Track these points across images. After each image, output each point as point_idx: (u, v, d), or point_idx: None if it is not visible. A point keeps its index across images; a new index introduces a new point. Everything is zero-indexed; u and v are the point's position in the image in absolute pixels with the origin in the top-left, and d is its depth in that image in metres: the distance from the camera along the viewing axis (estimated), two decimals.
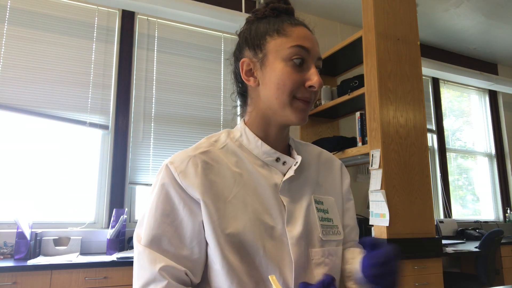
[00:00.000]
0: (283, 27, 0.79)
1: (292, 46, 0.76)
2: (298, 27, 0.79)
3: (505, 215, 4.86)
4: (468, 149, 4.96)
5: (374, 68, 2.69)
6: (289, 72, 0.76)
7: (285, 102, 0.77)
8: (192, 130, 3.34)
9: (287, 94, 0.76)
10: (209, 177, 0.75)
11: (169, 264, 0.70)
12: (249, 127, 0.84)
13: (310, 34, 0.80)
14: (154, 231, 0.73)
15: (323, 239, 0.80)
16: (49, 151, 2.88)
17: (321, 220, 0.82)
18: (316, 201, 0.84)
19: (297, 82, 0.76)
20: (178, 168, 0.75)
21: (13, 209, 2.66)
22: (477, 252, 3.17)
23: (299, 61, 0.76)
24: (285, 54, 0.77)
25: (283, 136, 0.85)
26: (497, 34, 4.52)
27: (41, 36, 2.96)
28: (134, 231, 0.79)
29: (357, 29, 3.09)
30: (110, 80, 3.12)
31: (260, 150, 0.82)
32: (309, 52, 0.77)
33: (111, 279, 2.27)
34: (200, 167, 0.75)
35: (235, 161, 0.80)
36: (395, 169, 2.59)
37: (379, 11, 2.77)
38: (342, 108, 3.34)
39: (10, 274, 2.09)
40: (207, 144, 0.82)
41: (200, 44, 3.52)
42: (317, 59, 0.79)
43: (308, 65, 0.78)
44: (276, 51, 0.78)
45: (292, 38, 0.77)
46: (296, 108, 0.77)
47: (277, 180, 0.80)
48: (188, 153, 0.78)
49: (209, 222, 0.72)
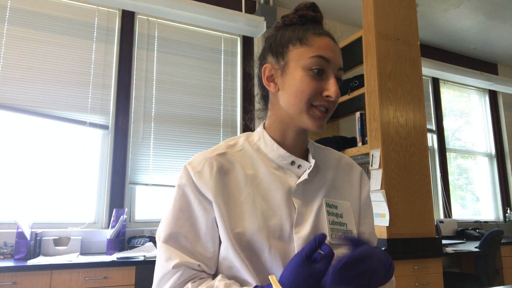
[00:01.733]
0: (307, 36, 0.81)
1: (313, 56, 0.79)
2: (321, 37, 0.81)
3: (505, 215, 4.86)
4: (468, 149, 4.96)
5: (374, 68, 2.69)
6: (308, 80, 0.79)
7: (302, 109, 0.79)
8: (192, 130, 3.34)
9: (305, 101, 0.79)
10: (223, 178, 0.81)
11: (183, 261, 0.76)
12: (267, 131, 0.88)
13: (333, 45, 0.82)
14: (171, 228, 0.79)
15: (332, 243, 0.81)
16: (49, 151, 2.88)
17: (332, 223, 0.83)
18: (328, 205, 0.85)
19: (315, 91, 0.78)
20: (195, 169, 0.81)
21: (13, 209, 2.66)
22: (477, 252, 3.16)
23: (318, 71, 0.79)
24: (305, 64, 0.79)
25: (300, 141, 0.87)
26: (497, 34, 4.52)
27: (41, 36, 2.96)
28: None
29: (357, 29, 3.09)
30: (110, 80, 3.12)
31: (276, 153, 0.85)
32: (330, 62, 0.79)
33: (111, 279, 2.27)
34: (215, 169, 0.81)
35: (251, 163, 0.84)
36: (395, 169, 2.59)
37: (379, 11, 2.77)
38: (342, 108, 3.34)
39: (10, 274, 2.09)
40: (225, 146, 0.86)
41: (200, 44, 3.52)
42: (338, 69, 0.81)
43: (328, 75, 0.79)
44: (297, 60, 0.80)
45: (314, 48, 0.80)
46: (313, 115, 0.80)
47: (291, 183, 0.83)
48: (205, 155, 0.83)
49: (221, 221, 0.77)
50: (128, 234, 2.86)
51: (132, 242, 2.79)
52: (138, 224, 3.04)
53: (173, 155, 3.25)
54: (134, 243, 2.77)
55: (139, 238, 2.81)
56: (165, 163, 3.21)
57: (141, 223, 3.04)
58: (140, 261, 2.35)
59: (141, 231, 2.94)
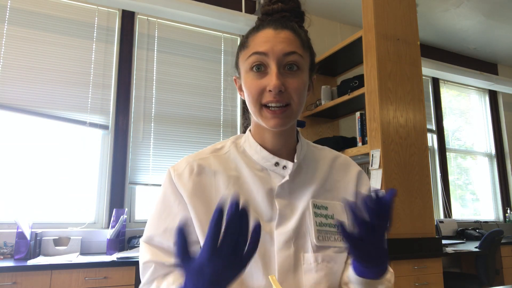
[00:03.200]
0: (247, 39, 0.81)
1: (249, 56, 0.78)
2: (259, 33, 0.79)
3: (505, 215, 4.86)
4: (468, 149, 4.96)
5: (374, 68, 2.69)
6: (250, 82, 0.78)
7: (255, 112, 0.79)
8: (192, 130, 3.34)
9: (254, 103, 0.78)
10: (202, 181, 0.82)
11: (154, 258, 0.77)
12: (252, 134, 0.87)
13: (272, 34, 0.77)
14: (151, 228, 0.81)
15: (317, 245, 0.79)
16: (49, 151, 2.88)
17: (320, 225, 0.81)
18: (316, 206, 0.82)
19: (259, 89, 0.76)
20: (176, 171, 0.83)
21: (13, 209, 2.66)
22: (477, 252, 3.17)
23: (257, 67, 0.77)
24: (246, 66, 0.79)
25: (281, 142, 0.84)
26: (497, 34, 4.52)
27: (41, 36, 2.96)
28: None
29: (357, 29, 3.09)
30: (110, 80, 3.12)
31: (259, 155, 0.84)
32: (267, 54, 0.76)
33: (111, 279, 2.27)
34: (195, 171, 0.82)
35: (235, 166, 0.84)
36: (395, 169, 2.59)
37: (379, 11, 2.77)
38: (342, 108, 3.33)
39: (10, 274, 2.09)
40: (210, 150, 0.87)
41: (200, 44, 3.52)
42: (283, 55, 0.76)
43: (270, 68, 0.76)
44: (242, 64, 0.81)
45: (251, 47, 0.79)
46: (265, 117, 0.77)
47: (274, 184, 0.82)
48: (188, 159, 0.85)
49: (196, 222, 0.78)
50: (128, 234, 2.86)
51: (132, 242, 2.79)
52: (138, 224, 3.04)
53: (173, 155, 3.25)
54: (134, 243, 2.77)
55: (139, 238, 2.80)
56: (165, 163, 3.21)
57: (141, 223, 3.04)
58: None
59: (141, 231, 2.92)
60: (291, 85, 0.76)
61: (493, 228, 4.05)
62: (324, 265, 0.78)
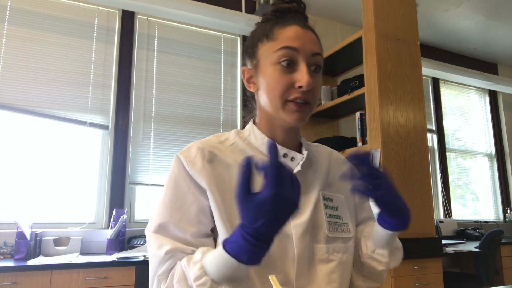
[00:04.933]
0: (273, 30, 0.79)
1: (278, 49, 0.76)
2: (288, 28, 0.78)
3: (505, 215, 4.86)
4: (468, 149, 4.96)
5: (374, 68, 2.69)
6: (277, 76, 0.76)
7: (278, 105, 0.77)
8: (192, 130, 3.34)
9: (278, 98, 0.76)
10: (216, 169, 0.78)
11: (175, 246, 0.72)
12: (257, 126, 0.86)
13: (301, 32, 0.78)
14: (161, 218, 0.75)
15: (329, 236, 0.80)
16: (49, 151, 2.88)
17: (329, 216, 0.82)
18: (325, 198, 0.84)
19: (286, 85, 0.76)
20: (188, 158, 0.78)
21: (13, 209, 2.66)
22: (477, 252, 3.16)
23: (287, 62, 0.76)
24: (273, 59, 0.77)
25: (291, 137, 0.85)
26: (497, 34, 4.52)
27: (41, 36, 2.96)
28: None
29: (357, 29, 3.09)
30: (110, 80, 3.12)
31: (267, 146, 0.83)
32: (298, 51, 0.76)
33: (111, 279, 2.27)
34: (207, 159, 0.78)
35: (244, 156, 0.81)
36: (395, 169, 2.59)
37: (379, 11, 2.77)
38: (342, 108, 3.33)
39: (10, 274, 2.09)
40: (216, 141, 0.84)
41: (200, 44, 3.52)
42: (311, 55, 0.77)
43: (299, 64, 0.76)
44: (266, 56, 0.79)
45: (280, 40, 0.77)
46: (289, 110, 0.77)
47: None
48: (197, 145, 0.80)
49: (216, 210, 0.74)
50: (128, 234, 2.86)
51: (132, 242, 2.79)
52: (138, 224, 3.04)
53: (173, 155, 3.23)
54: (134, 243, 2.77)
55: (139, 238, 2.81)
56: (165, 163, 3.21)
57: (141, 223, 3.04)
58: (140, 261, 2.35)
59: (141, 231, 2.93)
60: (316, 85, 0.78)
61: (493, 228, 4.05)
62: (335, 256, 0.80)
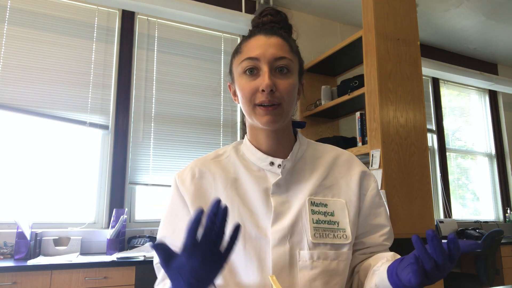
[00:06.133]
0: (241, 45, 0.87)
1: (242, 60, 0.84)
2: (251, 39, 0.85)
3: (505, 215, 4.86)
4: (468, 149, 4.96)
5: (374, 68, 2.68)
6: (244, 84, 0.83)
7: (249, 111, 0.83)
8: (192, 130, 3.34)
9: (247, 103, 0.82)
10: (203, 185, 0.87)
11: None
12: (248, 138, 0.92)
13: (263, 40, 0.83)
14: (161, 231, 0.87)
15: (313, 242, 0.79)
16: (49, 151, 2.88)
17: (317, 222, 0.81)
18: (314, 204, 0.83)
19: (251, 90, 0.81)
20: (180, 177, 0.89)
21: (13, 209, 2.66)
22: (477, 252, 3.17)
23: (249, 70, 0.82)
24: (240, 70, 0.84)
25: (275, 142, 0.87)
26: (497, 34, 4.52)
27: (41, 36, 2.96)
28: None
29: (357, 29, 3.09)
30: (110, 80, 3.12)
31: (255, 156, 0.88)
32: (258, 59, 0.81)
33: (111, 279, 2.27)
34: (196, 176, 0.88)
35: (234, 169, 0.89)
36: (395, 169, 2.59)
37: (379, 11, 2.77)
38: (342, 108, 3.33)
39: (10, 274, 2.09)
40: (212, 156, 0.93)
41: (200, 44, 3.51)
42: (274, 60, 0.81)
43: (262, 70, 0.81)
44: (236, 69, 0.86)
45: (244, 53, 0.84)
46: (259, 114, 0.82)
47: (270, 183, 0.85)
48: (191, 165, 0.91)
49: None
50: (128, 234, 2.86)
51: (132, 242, 2.79)
52: (138, 224, 3.04)
53: (173, 155, 3.25)
54: (134, 243, 2.77)
55: (139, 238, 2.81)
56: (165, 163, 3.21)
57: (141, 223, 3.04)
58: (140, 261, 2.35)
59: (141, 231, 2.94)
60: (282, 85, 0.81)
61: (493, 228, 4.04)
62: (320, 262, 0.79)
